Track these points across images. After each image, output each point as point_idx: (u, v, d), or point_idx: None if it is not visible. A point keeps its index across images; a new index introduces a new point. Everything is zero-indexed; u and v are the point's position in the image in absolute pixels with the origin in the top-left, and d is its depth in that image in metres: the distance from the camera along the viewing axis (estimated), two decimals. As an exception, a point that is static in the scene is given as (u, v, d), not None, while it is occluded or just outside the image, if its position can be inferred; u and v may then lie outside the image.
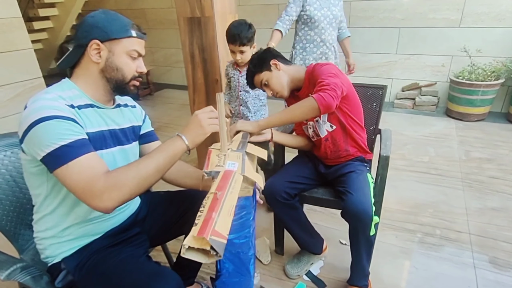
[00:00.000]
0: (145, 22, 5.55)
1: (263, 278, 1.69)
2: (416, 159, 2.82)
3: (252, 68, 1.54)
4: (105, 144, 1.02)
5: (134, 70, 1.04)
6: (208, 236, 0.62)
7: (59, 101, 0.89)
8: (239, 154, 0.97)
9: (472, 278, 1.64)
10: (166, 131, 3.69)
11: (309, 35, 2.51)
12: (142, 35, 1.04)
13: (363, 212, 1.28)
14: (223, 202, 0.75)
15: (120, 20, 1.00)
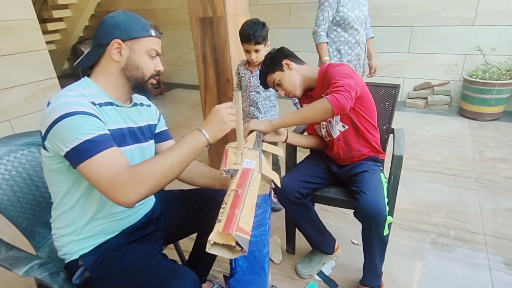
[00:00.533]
0: (156, 22, 5.59)
1: (275, 277, 1.69)
2: (429, 159, 2.78)
3: (264, 69, 1.56)
4: (124, 141, 1.04)
5: (153, 69, 1.07)
6: (233, 232, 0.63)
7: (81, 98, 0.91)
8: (255, 153, 0.98)
9: (487, 279, 1.62)
10: (177, 131, 3.71)
11: (343, 36, 2.44)
12: (159, 35, 1.07)
13: (377, 211, 1.28)
14: (244, 199, 0.76)
15: (140, 20, 1.03)
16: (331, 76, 1.41)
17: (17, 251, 1.04)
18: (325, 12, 2.37)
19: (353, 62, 2.51)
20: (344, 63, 1.54)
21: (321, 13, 2.39)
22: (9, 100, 2.23)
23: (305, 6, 4.33)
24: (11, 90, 2.23)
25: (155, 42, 1.05)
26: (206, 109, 2.57)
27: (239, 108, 0.97)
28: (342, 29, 2.42)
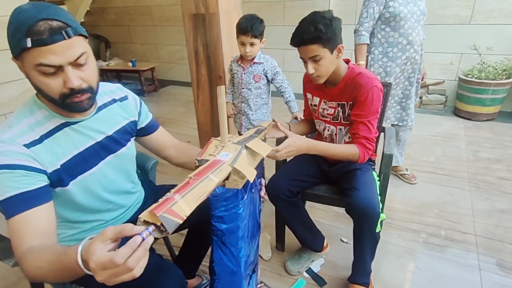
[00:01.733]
0: (150, 19, 5.56)
1: (264, 273, 1.68)
2: (422, 159, 2.77)
3: (321, 33, 1.25)
4: (87, 165, 0.96)
5: (60, 88, 0.81)
6: (159, 213, 0.65)
7: (14, 143, 0.81)
8: (237, 147, 0.97)
9: (477, 280, 1.61)
10: (170, 127, 3.69)
11: (392, 37, 2.08)
12: (44, 41, 0.74)
13: (371, 208, 1.27)
14: (193, 187, 0.76)
15: (16, 26, 0.76)
16: (364, 100, 1.35)
17: (8, 242, 1.03)
18: (370, 8, 2.04)
19: (402, 68, 2.15)
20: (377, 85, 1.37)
21: (365, 9, 2.08)
22: (5, 95, 2.22)
23: (299, 3, 4.31)
24: (7, 85, 2.22)
25: (41, 54, 0.75)
26: (199, 106, 2.55)
27: (222, 103, 0.95)
28: (392, 28, 2.06)
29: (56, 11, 0.78)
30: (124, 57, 5.86)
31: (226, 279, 1.01)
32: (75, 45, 0.79)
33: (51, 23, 0.75)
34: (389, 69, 2.14)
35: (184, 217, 0.69)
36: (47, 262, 0.71)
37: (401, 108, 2.29)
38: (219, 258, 0.97)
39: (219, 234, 0.93)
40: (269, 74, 2.00)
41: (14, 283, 1.69)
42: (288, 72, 4.56)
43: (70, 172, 0.91)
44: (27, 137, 0.84)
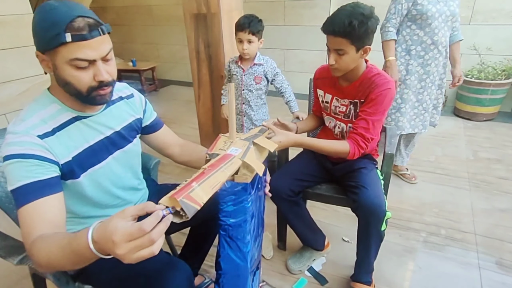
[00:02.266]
0: (151, 18, 5.57)
1: (265, 272, 1.69)
2: (422, 159, 2.79)
3: (353, 29, 1.23)
4: (97, 158, 0.98)
5: (90, 81, 0.85)
6: (179, 198, 0.67)
7: (28, 134, 0.83)
8: (245, 143, 1.00)
9: (476, 278, 1.62)
10: (171, 127, 3.60)
11: (417, 35, 2.05)
12: (84, 36, 0.79)
13: (378, 206, 1.28)
14: (209, 176, 0.79)
15: (52, 21, 0.78)
16: (374, 98, 1.35)
17: (12, 240, 1.05)
18: (399, 4, 2.02)
19: (426, 68, 2.11)
20: (391, 86, 1.36)
21: (393, 4, 2.06)
22: (4, 94, 2.23)
23: (299, 3, 4.31)
24: (7, 85, 2.23)
25: (77, 49, 0.80)
26: (200, 106, 2.57)
27: (232, 99, 0.97)
28: (418, 26, 2.03)
29: (86, 9, 0.83)
30: (124, 56, 5.86)
31: (232, 273, 1.02)
32: (106, 42, 0.86)
33: (88, 20, 0.80)
34: (410, 67, 2.12)
35: (201, 203, 0.72)
36: (57, 247, 0.71)
37: (423, 115, 2.26)
38: (225, 253, 0.99)
39: (227, 229, 0.95)
40: (269, 75, 2.01)
41: (15, 282, 1.69)
42: (288, 72, 4.57)
43: (81, 164, 0.94)
44: (40, 129, 0.86)
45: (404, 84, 2.15)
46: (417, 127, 2.28)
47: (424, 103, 2.21)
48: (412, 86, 2.15)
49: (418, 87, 2.16)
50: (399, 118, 2.21)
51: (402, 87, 2.16)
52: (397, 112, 2.21)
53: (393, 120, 2.23)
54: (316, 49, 4.35)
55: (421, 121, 2.27)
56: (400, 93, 2.17)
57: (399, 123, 2.22)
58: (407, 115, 2.21)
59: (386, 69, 2.11)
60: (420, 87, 2.16)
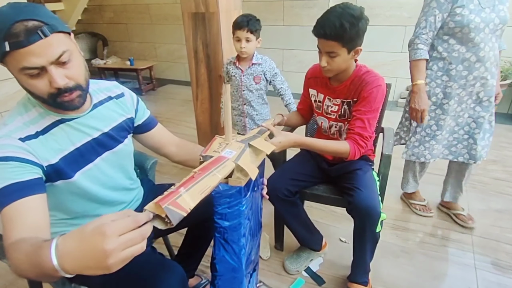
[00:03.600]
0: (149, 17, 5.55)
1: (263, 273, 1.69)
2: (419, 159, 2.80)
3: (345, 31, 1.23)
4: (83, 160, 0.96)
5: (47, 88, 0.81)
6: (164, 205, 0.67)
7: (9, 137, 0.82)
8: (241, 145, 0.99)
9: (473, 279, 1.63)
10: (168, 127, 3.60)
11: (457, 51, 1.64)
12: (21, 43, 0.73)
13: (372, 208, 1.29)
14: (198, 181, 0.78)
15: None
16: (366, 96, 1.36)
17: None
18: (431, 16, 1.62)
19: (469, 90, 1.72)
20: (381, 83, 1.37)
21: (423, 17, 1.66)
22: (2, 92, 2.22)
23: (299, 4, 4.31)
24: (4, 83, 2.22)
25: (22, 56, 0.75)
26: (198, 106, 2.56)
27: (227, 101, 0.96)
28: (458, 41, 1.62)
29: (33, 9, 0.76)
30: (122, 55, 5.84)
31: (227, 276, 1.02)
32: (54, 44, 0.78)
33: (26, 24, 0.74)
34: (449, 90, 1.71)
35: (188, 210, 0.71)
36: (25, 254, 0.66)
37: (467, 141, 1.84)
38: (220, 255, 0.99)
39: (222, 231, 0.95)
40: (268, 75, 2.01)
41: (11, 282, 1.68)
42: (287, 72, 4.58)
43: (69, 166, 0.92)
44: (22, 132, 0.84)
45: (441, 109, 1.77)
46: (460, 154, 1.87)
47: (465, 126, 1.82)
48: (451, 111, 1.76)
49: (458, 110, 1.78)
50: (434, 146, 1.86)
51: (438, 112, 1.78)
52: (432, 140, 1.84)
53: (427, 149, 1.87)
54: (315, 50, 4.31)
55: (465, 147, 1.85)
56: (435, 119, 1.80)
57: (434, 151, 1.87)
58: (443, 142, 1.87)
59: (413, 94, 1.73)
60: (460, 110, 1.78)
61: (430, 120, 1.81)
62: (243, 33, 1.86)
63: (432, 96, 1.76)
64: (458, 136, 1.85)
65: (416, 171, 2.07)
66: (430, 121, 1.81)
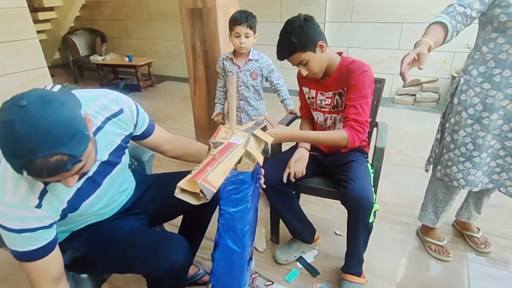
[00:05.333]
0: (147, 13, 5.56)
1: (258, 264, 1.73)
2: (414, 155, 2.83)
3: (295, 44, 1.36)
4: (86, 196, 0.99)
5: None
6: (199, 180, 0.71)
7: (27, 207, 0.84)
8: (245, 134, 1.06)
9: (464, 271, 1.67)
10: (167, 122, 3.72)
11: (505, 52, 1.32)
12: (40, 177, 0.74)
13: (365, 198, 1.32)
14: (220, 162, 0.84)
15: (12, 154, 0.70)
16: (355, 83, 1.40)
17: None
18: None
19: None
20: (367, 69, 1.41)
21: None
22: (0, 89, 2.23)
23: (296, 0, 4.34)
24: (2, 78, 2.22)
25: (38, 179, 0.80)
26: (195, 101, 2.58)
27: (233, 91, 1.01)
28: (509, 39, 1.31)
29: (56, 139, 0.70)
30: (120, 52, 5.85)
31: (229, 263, 1.04)
32: (74, 168, 0.76)
33: (49, 160, 0.70)
34: (491, 100, 1.38)
35: (216, 187, 0.76)
36: None
37: (501, 167, 1.50)
38: (224, 243, 1.01)
39: (228, 217, 0.98)
40: (264, 71, 2.03)
41: (10, 273, 1.71)
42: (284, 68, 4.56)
43: (74, 206, 0.96)
44: (34, 197, 0.85)
45: (480, 124, 1.43)
46: (504, 185, 1.52)
47: (490, 149, 1.47)
48: (493, 127, 1.42)
49: (505, 129, 1.42)
50: (470, 171, 1.50)
51: (475, 127, 1.44)
52: (467, 162, 1.50)
53: (460, 172, 1.52)
54: (312, 46, 4.37)
55: (510, 179, 1.49)
56: (472, 136, 1.46)
57: (469, 176, 1.51)
58: (483, 167, 1.51)
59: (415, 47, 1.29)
60: (508, 130, 1.41)
61: (466, 136, 1.48)
62: (243, 29, 1.88)
63: (469, 107, 1.43)
64: (503, 163, 1.49)
65: (437, 200, 1.75)
66: (466, 138, 1.48)
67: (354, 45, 4.26)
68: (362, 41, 4.19)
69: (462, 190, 1.63)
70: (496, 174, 1.52)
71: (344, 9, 4.13)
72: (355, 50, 4.26)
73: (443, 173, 1.61)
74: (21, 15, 2.28)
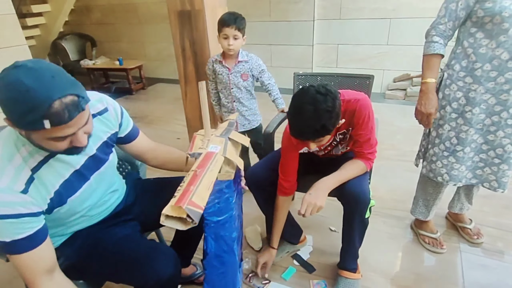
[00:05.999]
0: (136, 16, 5.54)
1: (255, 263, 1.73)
2: (406, 149, 2.86)
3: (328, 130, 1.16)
4: (73, 189, 0.99)
5: (66, 146, 0.85)
6: (184, 205, 0.70)
7: (12, 192, 0.83)
8: (222, 139, 1.03)
9: (457, 262, 1.69)
10: (158, 125, 3.71)
11: (485, 46, 1.34)
12: (63, 121, 0.77)
13: (362, 194, 1.33)
14: (202, 178, 0.82)
15: (27, 107, 0.73)
16: (361, 124, 1.33)
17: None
18: (452, 3, 1.37)
19: (498, 97, 1.38)
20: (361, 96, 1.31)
21: (444, 3, 1.41)
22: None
23: (285, -1, 4.36)
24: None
25: (57, 130, 0.78)
26: (187, 103, 2.59)
27: (204, 98, 1.00)
28: (487, 34, 1.33)
29: (63, 82, 0.77)
30: (110, 55, 5.82)
31: (220, 270, 1.05)
32: (86, 112, 0.83)
33: (65, 101, 0.76)
34: (473, 94, 1.40)
35: (203, 207, 0.74)
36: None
37: (498, 166, 1.50)
38: (212, 252, 1.01)
39: (213, 227, 0.97)
40: (254, 72, 2.03)
41: (8, 281, 1.70)
42: (276, 67, 4.61)
43: (60, 198, 0.95)
44: (20, 182, 0.85)
45: (463, 118, 1.45)
46: (487, 180, 1.56)
47: (498, 148, 1.46)
48: (475, 121, 1.44)
49: (488, 123, 1.44)
50: (454, 165, 1.53)
51: (459, 121, 1.47)
52: (451, 156, 1.52)
53: (444, 167, 1.55)
54: (303, 44, 4.40)
55: (494, 173, 1.52)
56: (456, 130, 1.48)
57: (453, 171, 1.54)
58: (467, 162, 1.53)
59: (420, 94, 1.48)
60: (491, 124, 1.44)
61: (450, 130, 1.50)
62: (231, 31, 1.88)
63: (453, 102, 1.46)
64: (486, 158, 1.51)
65: (427, 194, 1.78)
66: (450, 132, 1.50)
67: (343, 42, 4.28)
68: (351, 38, 4.21)
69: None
70: (479, 169, 1.55)
71: (333, 6, 4.15)
72: (345, 47, 4.28)
73: (428, 169, 1.65)
74: (9, 21, 2.26)
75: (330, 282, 1.61)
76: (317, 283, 1.60)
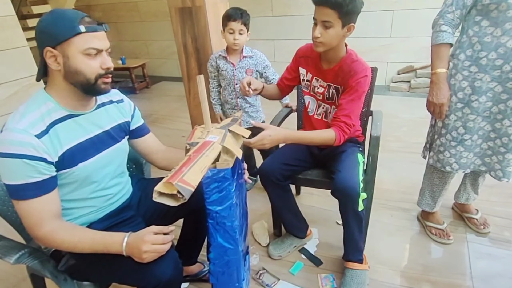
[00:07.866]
0: (138, 15, 5.53)
1: (263, 259, 1.75)
2: (412, 141, 2.85)
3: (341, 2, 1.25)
4: (85, 155, 1.03)
5: (98, 68, 0.97)
6: (175, 182, 0.72)
7: (28, 134, 0.90)
8: (221, 131, 1.06)
9: (465, 252, 1.69)
10: (164, 123, 3.72)
11: (491, 35, 1.33)
12: (95, 28, 0.94)
13: (350, 188, 1.34)
14: (196, 161, 0.85)
15: (65, 18, 0.91)
16: (354, 85, 1.41)
17: (8, 241, 1.08)
18: None
19: (504, 86, 1.36)
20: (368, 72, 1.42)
21: None
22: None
23: (288, -7, 4.33)
24: (-4, 88, 2.22)
25: (90, 39, 0.93)
26: (191, 100, 2.59)
27: (203, 92, 1.02)
28: (492, 22, 1.32)
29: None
30: (113, 55, 5.70)
31: (225, 260, 1.06)
32: (107, 38, 0.99)
33: (92, 19, 0.95)
34: (479, 83, 1.40)
35: (194, 186, 0.77)
36: (88, 239, 0.97)
37: (504, 156, 1.48)
38: (216, 242, 1.03)
39: (215, 216, 0.99)
40: (259, 68, 2.04)
41: (14, 285, 1.70)
42: (279, 62, 4.59)
43: (72, 158, 1.00)
44: (37, 128, 0.92)
45: (469, 107, 1.44)
46: (493, 169, 1.55)
47: (504, 137, 1.45)
48: (482, 110, 1.43)
49: (494, 111, 1.43)
50: (462, 154, 1.53)
51: (465, 111, 1.46)
52: (459, 146, 1.52)
53: (452, 156, 1.55)
54: (306, 38, 4.35)
55: (499, 162, 1.50)
56: (462, 119, 1.47)
57: (462, 159, 1.54)
58: (475, 149, 1.53)
59: (431, 85, 1.47)
60: (497, 112, 1.42)
61: (457, 120, 1.49)
62: (237, 25, 1.88)
63: (458, 91, 1.45)
64: (493, 146, 1.50)
65: (434, 185, 1.78)
66: (457, 122, 1.49)
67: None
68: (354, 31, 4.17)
69: (457, 174, 1.66)
70: (488, 157, 1.54)
71: None
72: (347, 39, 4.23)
73: (435, 159, 1.64)
74: (10, 23, 2.27)
75: (338, 275, 1.61)
76: (325, 277, 1.61)
